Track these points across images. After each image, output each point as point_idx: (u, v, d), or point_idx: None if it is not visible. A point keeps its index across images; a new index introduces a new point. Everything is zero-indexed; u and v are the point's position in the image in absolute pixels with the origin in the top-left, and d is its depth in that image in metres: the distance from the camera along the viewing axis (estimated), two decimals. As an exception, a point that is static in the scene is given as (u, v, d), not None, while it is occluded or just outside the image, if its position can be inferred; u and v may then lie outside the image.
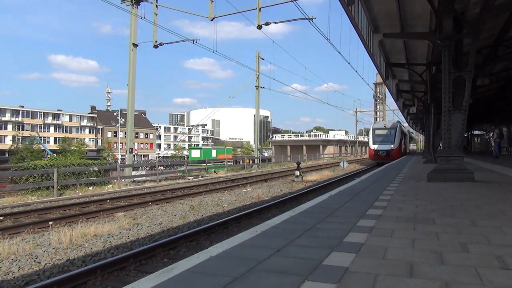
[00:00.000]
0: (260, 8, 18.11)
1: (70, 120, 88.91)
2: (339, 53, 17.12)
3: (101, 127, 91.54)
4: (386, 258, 2.45)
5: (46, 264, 5.60)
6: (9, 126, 78.07)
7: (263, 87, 32.20)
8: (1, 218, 8.92)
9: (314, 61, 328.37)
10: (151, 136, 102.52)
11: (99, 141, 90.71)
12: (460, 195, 5.62)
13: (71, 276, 4.65)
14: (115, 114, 77.99)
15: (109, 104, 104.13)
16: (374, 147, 31.11)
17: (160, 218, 9.14)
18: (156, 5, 19.96)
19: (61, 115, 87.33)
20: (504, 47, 13.42)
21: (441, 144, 17.69)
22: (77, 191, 14.21)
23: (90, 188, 15.25)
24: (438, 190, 6.26)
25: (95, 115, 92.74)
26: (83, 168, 16.06)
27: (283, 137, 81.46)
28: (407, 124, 48.59)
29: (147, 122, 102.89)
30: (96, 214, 9.56)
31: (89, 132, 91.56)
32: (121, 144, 60.67)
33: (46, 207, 10.43)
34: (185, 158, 50.20)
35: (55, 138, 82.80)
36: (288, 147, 71.46)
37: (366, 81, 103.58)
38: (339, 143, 77.17)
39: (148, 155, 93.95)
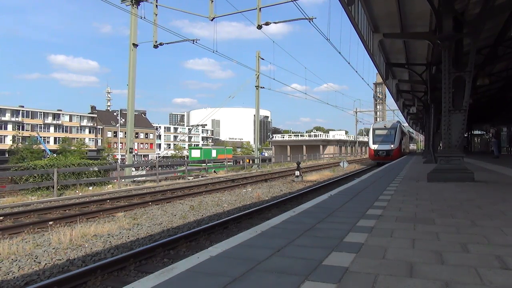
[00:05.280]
0: (260, 8, 18.10)
1: (70, 120, 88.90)
2: (339, 53, 17.12)
3: (101, 127, 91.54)
4: (386, 258, 2.45)
5: (46, 264, 5.60)
6: (9, 126, 78.05)
7: (263, 87, 32.23)
8: (1, 218, 8.93)
9: (314, 61, 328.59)
10: (151, 136, 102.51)
11: (99, 141, 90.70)
12: (460, 195, 5.62)
13: (71, 276, 4.65)
14: (115, 114, 78.06)
15: (109, 104, 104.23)
16: (374, 147, 31.12)
17: (160, 218, 9.14)
18: (156, 5, 19.96)
19: (61, 115, 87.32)
20: (504, 47, 13.41)
21: (441, 144, 17.69)
22: (77, 191, 14.21)
23: (90, 188, 15.25)
24: (438, 190, 6.26)
25: (95, 115, 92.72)
26: (83, 168, 16.05)
27: (283, 137, 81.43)
28: (407, 124, 48.58)
29: (147, 122, 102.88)
30: (96, 214, 9.56)
31: (89, 132, 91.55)
32: (121, 144, 60.70)
33: (46, 207, 10.44)
34: (185, 158, 50.20)
35: (55, 138, 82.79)
36: (288, 147, 71.45)
37: (366, 81, 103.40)
38: (339, 143, 77.17)
39: (148, 155, 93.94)
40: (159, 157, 78.92)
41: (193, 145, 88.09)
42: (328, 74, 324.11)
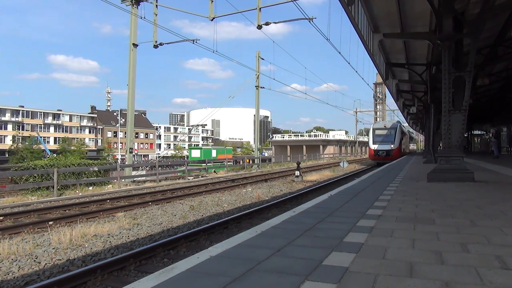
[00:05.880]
0: (260, 8, 18.10)
1: (70, 120, 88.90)
2: (339, 53, 17.14)
3: (101, 127, 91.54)
4: (386, 258, 2.45)
5: (46, 264, 5.60)
6: (9, 126, 78.05)
7: (263, 87, 32.22)
8: (1, 218, 8.93)
9: (314, 61, 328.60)
10: (151, 136, 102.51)
11: (99, 141, 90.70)
12: (460, 195, 5.62)
13: (71, 276, 4.65)
14: (115, 114, 78.06)
15: (109, 104, 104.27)
16: (374, 147, 31.12)
17: (160, 218, 9.14)
18: (156, 5, 19.95)
19: (61, 115, 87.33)
20: (504, 47, 13.40)
21: (441, 144, 17.69)
22: (77, 191, 14.21)
23: (90, 188, 15.25)
24: (438, 190, 6.26)
25: (95, 115, 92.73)
26: (83, 168, 16.05)
27: (283, 137, 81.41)
28: (407, 124, 48.59)
29: (147, 122, 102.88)
30: (96, 214, 9.55)
31: (89, 132, 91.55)
32: (121, 144, 60.69)
33: (46, 207, 10.44)
34: (185, 158, 50.19)
35: (55, 138, 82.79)
36: (288, 147, 71.44)
37: (366, 81, 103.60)
38: (339, 143, 77.16)
39: (148, 155, 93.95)
40: (159, 157, 78.86)
41: (193, 145, 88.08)
42: (328, 74, 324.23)
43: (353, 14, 9.86)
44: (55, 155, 38.60)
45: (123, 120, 54.21)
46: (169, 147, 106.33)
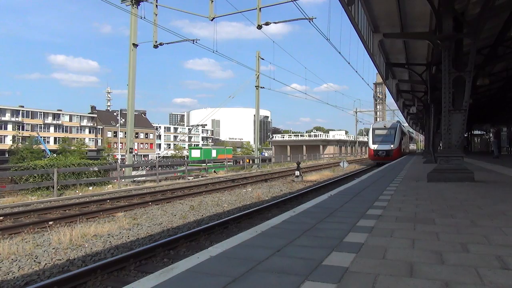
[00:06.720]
0: (260, 8, 18.10)
1: (70, 120, 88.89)
2: (339, 53, 17.16)
3: (101, 127, 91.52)
4: (386, 258, 2.45)
5: (46, 264, 5.60)
6: (9, 126, 78.04)
7: (263, 87, 32.24)
8: (1, 218, 8.92)
9: (314, 61, 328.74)
10: (151, 136, 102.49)
11: (99, 141, 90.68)
12: (460, 195, 5.62)
13: (71, 276, 4.65)
14: (115, 114, 78.03)
15: (109, 104, 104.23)
16: (374, 147, 31.10)
17: (160, 218, 9.14)
18: (156, 5, 19.96)
19: (61, 115, 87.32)
20: (504, 47, 13.39)
21: (441, 144, 17.69)
22: (77, 191, 14.21)
23: (90, 188, 15.25)
24: (438, 190, 6.26)
25: (95, 115, 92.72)
26: (83, 168, 16.05)
27: (283, 137, 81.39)
28: (407, 124, 48.57)
29: (147, 122, 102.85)
30: (96, 214, 9.56)
31: (89, 132, 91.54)
32: (121, 144, 60.66)
33: (46, 207, 10.44)
34: (185, 158, 50.18)
35: (55, 138, 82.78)
36: (288, 147, 71.44)
37: (366, 81, 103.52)
38: (339, 143, 77.16)
39: (148, 155, 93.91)
40: (159, 157, 78.84)
41: (193, 145, 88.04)
42: (328, 74, 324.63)
43: (353, 14, 9.86)
44: (55, 155, 38.59)
45: (123, 120, 54.21)
46: (169, 147, 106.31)
